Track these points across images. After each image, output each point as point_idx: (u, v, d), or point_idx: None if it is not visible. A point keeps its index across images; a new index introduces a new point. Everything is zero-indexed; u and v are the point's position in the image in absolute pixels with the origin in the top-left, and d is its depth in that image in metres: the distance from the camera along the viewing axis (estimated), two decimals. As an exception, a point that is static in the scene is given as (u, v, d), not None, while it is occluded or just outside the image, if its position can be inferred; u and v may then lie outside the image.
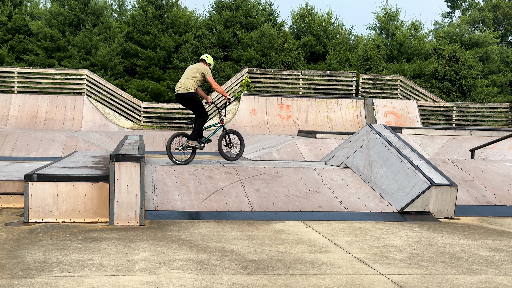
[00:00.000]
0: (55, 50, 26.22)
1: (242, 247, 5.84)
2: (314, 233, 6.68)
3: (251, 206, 7.84)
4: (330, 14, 29.99)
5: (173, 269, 4.93)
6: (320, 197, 8.27)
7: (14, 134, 17.69)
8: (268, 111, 24.17)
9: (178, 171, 8.73)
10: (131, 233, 6.46)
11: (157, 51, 27.08)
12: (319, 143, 16.27)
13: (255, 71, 25.16)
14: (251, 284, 4.55)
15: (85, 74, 23.45)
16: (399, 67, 28.09)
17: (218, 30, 28.01)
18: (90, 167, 8.43)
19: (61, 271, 4.78)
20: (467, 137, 16.41)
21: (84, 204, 7.18)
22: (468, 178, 9.43)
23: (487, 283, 4.72)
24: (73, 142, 17.49)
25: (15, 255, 5.32)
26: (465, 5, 42.57)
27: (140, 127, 23.41)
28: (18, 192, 8.19)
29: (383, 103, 24.35)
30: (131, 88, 25.80)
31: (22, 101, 22.61)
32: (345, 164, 9.61)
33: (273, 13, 30.64)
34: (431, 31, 34.21)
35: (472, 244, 6.26)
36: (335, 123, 24.19)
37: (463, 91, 27.82)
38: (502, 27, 38.71)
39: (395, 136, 9.53)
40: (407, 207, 7.92)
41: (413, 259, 5.51)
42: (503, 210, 8.55)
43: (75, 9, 26.06)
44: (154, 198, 7.83)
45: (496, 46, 31.74)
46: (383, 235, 6.65)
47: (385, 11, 30.43)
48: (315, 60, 29.47)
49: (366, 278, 4.80)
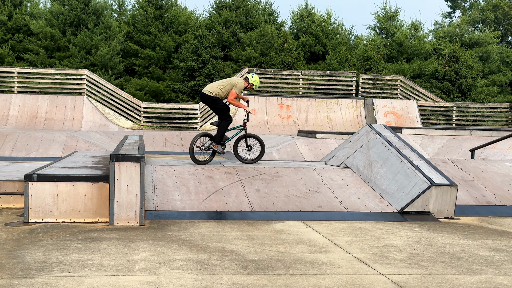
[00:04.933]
0: (56, 49, 26.22)
1: (242, 247, 5.84)
2: (314, 233, 6.68)
3: (251, 206, 7.85)
4: (330, 14, 30.00)
5: (173, 269, 4.93)
6: (320, 197, 8.27)
7: (14, 134, 17.69)
8: (268, 111, 24.17)
9: (178, 171, 8.74)
10: (131, 233, 6.46)
11: (157, 51, 27.09)
12: (319, 143, 16.27)
13: (255, 71, 25.16)
14: (251, 284, 4.55)
15: (85, 74, 23.45)
16: (399, 67, 28.09)
17: (217, 30, 28.01)
18: (90, 167, 8.43)
19: (61, 271, 4.78)
20: (467, 137, 16.42)
21: (84, 204, 7.18)
22: (468, 178, 9.43)
23: (487, 283, 4.72)
24: (73, 142, 17.49)
25: (15, 255, 5.32)
26: (465, 5, 42.56)
27: (140, 127, 23.41)
28: (18, 192, 8.19)
29: (383, 103, 24.35)
30: (129, 87, 25.80)
31: (22, 101, 22.61)
32: (345, 164, 9.61)
33: (273, 13, 30.64)
34: (431, 31, 34.22)
35: (472, 244, 6.26)
36: (335, 123, 24.20)
37: (463, 91, 27.82)
38: (502, 27, 38.71)
39: (395, 136, 9.53)
40: (407, 207, 7.93)
41: (413, 259, 5.51)
42: (503, 210, 8.55)
43: (76, 9, 26.06)
44: (154, 198, 7.84)
45: (496, 46, 31.74)
46: (383, 235, 6.65)
47: (385, 11, 30.43)
48: (315, 60, 29.47)
49: (366, 278, 4.80)
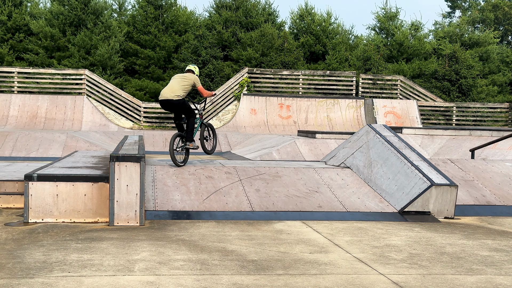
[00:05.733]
0: (55, 49, 26.21)
1: (242, 247, 5.84)
2: (314, 233, 6.68)
3: (251, 206, 7.84)
4: (330, 14, 30.00)
5: (173, 269, 4.93)
6: (320, 197, 8.27)
7: (14, 134, 17.69)
8: (268, 111, 24.17)
9: (178, 171, 8.74)
10: (131, 233, 6.46)
11: (156, 51, 27.08)
12: (319, 143, 16.27)
13: (255, 71, 25.16)
14: (251, 284, 4.55)
15: (85, 74, 23.45)
16: (399, 67, 28.09)
17: (217, 30, 28.01)
18: (90, 167, 8.42)
19: (61, 271, 4.78)
20: (467, 137, 16.42)
21: (84, 204, 7.18)
22: (468, 178, 9.43)
23: (487, 283, 4.72)
24: (73, 142, 17.49)
25: (15, 255, 5.32)
26: (465, 5, 42.56)
27: (140, 127, 23.41)
28: (18, 192, 8.18)
29: (383, 103, 24.36)
30: (129, 87, 25.79)
31: (22, 101, 22.62)
32: (345, 164, 9.61)
33: (273, 13, 30.64)
34: (431, 31, 34.22)
35: (472, 244, 6.26)
36: (335, 123, 24.20)
37: (463, 91, 27.82)
38: (502, 27, 38.71)
39: (395, 136, 9.53)
40: (407, 207, 7.92)
41: (413, 259, 5.51)
42: (503, 210, 8.54)
43: (75, 9, 26.06)
44: (154, 198, 7.83)
45: (496, 46, 31.73)
46: (383, 235, 6.65)
47: (385, 11, 30.43)
48: (315, 60, 29.47)
49: (366, 278, 4.80)
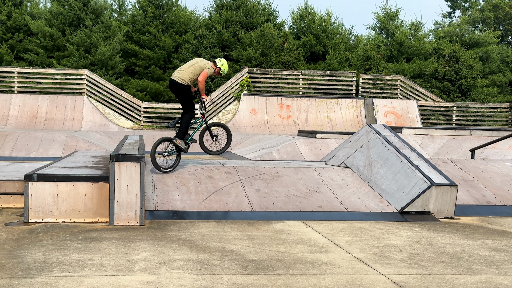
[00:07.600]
0: (55, 49, 26.21)
1: (242, 247, 5.84)
2: (314, 233, 6.68)
3: (251, 206, 7.84)
4: (330, 14, 29.99)
5: (173, 269, 4.93)
6: (320, 197, 8.27)
7: (14, 134, 17.68)
8: (268, 111, 24.17)
9: (178, 171, 8.73)
10: (131, 233, 6.46)
11: (156, 51, 27.07)
12: (319, 143, 16.27)
13: (255, 71, 25.16)
14: (251, 284, 4.55)
15: (85, 74, 23.45)
16: (399, 67, 28.08)
17: (217, 29, 28.01)
18: (90, 167, 8.42)
19: (61, 271, 4.78)
20: (467, 137, 16.42)
21: (84, 204, 7.18)
22: (468, 178, 9.43)
23: (487, 283, 4.72)
24: (73, 142, 17.48)
25: (15, 255, 5.32)
26: (465, 5, 42.56)
27: (140, 127, 23.41)
28: (18, 192, 8.18)
29: (383, 103, 24.35)
30: (130, 88, 25.78)
31: (22, 101, 22.61)
32: (345, 164, 9.60)
33: (273, 13, 30.63)
34: (431, 31, 34.21)
35: (472, 244, 6.26)
36: (335, 123, 24.19)
37: (463, 91, 27.82)
38: (502, 27, 38.69)
39: (395, 136, 9.53)
40: (407, 207, 7.92)
41: (413, 259, 5.51)
42: (503, 210, 8.54)
43: (74, 8, 26.06)
44: (154, 198, 7.83)
45: (496, 46, 31.73)
46: (383, 235, 6.65)
47: (385, 11, 30.42)
48: (315, 60, 29.46)
49: (366, 278, 4.80)
